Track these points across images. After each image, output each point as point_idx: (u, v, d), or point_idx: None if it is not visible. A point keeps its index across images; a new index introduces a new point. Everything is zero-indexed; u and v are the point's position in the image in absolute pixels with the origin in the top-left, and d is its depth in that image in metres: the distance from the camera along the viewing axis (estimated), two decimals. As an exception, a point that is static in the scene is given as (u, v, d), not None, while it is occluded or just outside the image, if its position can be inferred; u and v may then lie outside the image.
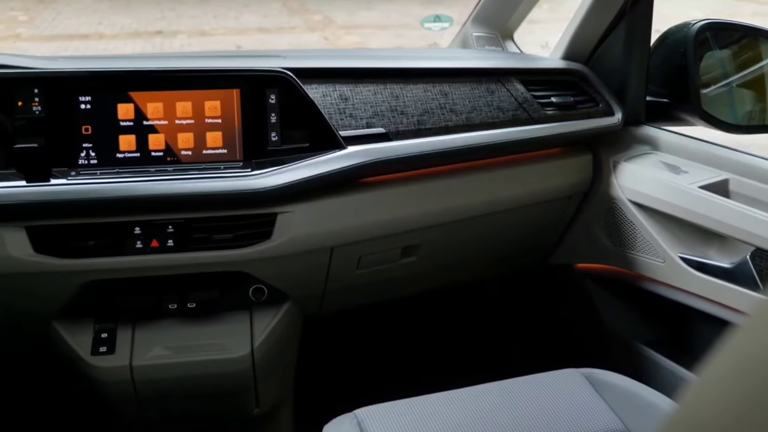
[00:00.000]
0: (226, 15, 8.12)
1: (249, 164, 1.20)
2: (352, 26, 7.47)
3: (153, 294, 1.24)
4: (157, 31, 7.25)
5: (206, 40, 6.79)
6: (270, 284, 1.26)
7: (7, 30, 7.49)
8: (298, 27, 7.60)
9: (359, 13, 8.21)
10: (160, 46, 6.59)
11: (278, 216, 1.19)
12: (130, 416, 1.30)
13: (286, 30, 7.39)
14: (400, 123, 1.28)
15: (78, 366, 1.23)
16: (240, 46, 6.36)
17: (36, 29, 7.62)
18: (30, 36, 7.14)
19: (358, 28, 7.40)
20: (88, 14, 8.37)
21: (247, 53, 1.49)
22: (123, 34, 7.26)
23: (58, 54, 1.33)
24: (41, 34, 7.31)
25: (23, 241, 1.13)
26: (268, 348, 1.27)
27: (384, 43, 6.65)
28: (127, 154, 1.18)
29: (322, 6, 8.53)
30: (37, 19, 8.12)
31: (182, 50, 6.38)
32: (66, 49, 6.34)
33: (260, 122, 1.20)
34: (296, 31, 7.36)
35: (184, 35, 7.07)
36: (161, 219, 1.16)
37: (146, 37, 7.12)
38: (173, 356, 1.23)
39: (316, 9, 8.45)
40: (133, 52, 6.19)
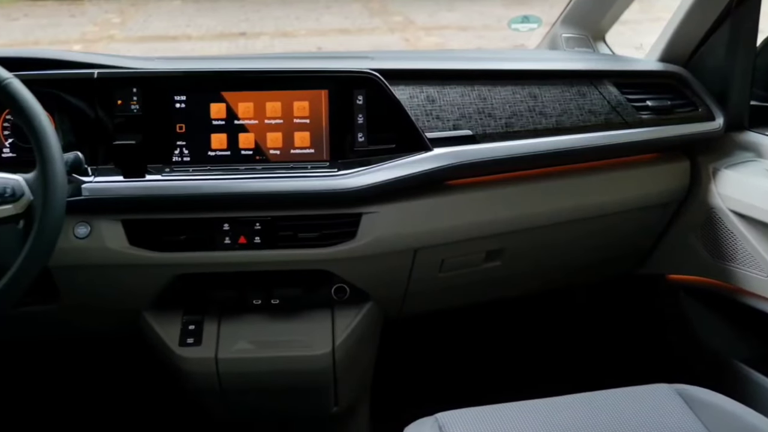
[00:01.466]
0: (308, 16, 8.29)
1: (335, 164, 1.22)
2: (433, 27, 7.47)
3: (238, 289, 1.28)
4: (241, 33, 7.48)
5: (288, 42, 6.95)
6: (352, 284, 1.28)
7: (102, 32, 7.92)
8: (378, 28, 7.67)
9: (440, 14, 8.20)
10: (243, 47, 6.80)
11: (363, 216, 1.21)
12: (213, 407, 1.35)
13: (366, 31, 7.46)
14: (487, 125, 1.28)
15: (166, 356, 1.28)
16: (321, 47, 6.47)
17: (128, 31, 8.01)
18: (123, 38, 7.52)
19: (439, 29, 7.38)
20: (177, 16, 8.74)
21: (336, 54, 1.52)
22: (209, 36, 7.53)
23: (148, 55, 1.40)
24: (133, 36, 7.68)
25: (119, 233, 1.19)
26: (349, 347, 1.29)
27: (465, 44, 6.61)
28: (218, 152, 1.24)
29: (403, 7, 8.57)
30: (130, 21, 8.54)
31: (265, 51, 6.57)
32: (156, 50, 6.64)
33: (347, 123, 1.23)
34: (376, 32, 7.42)
35: (267, 36, 7.26)
36: (249, 216, 1.20)
37: (231, 38, 7.36)
38: (257, 351, 1.27)
39: (396, 10, 8.50)
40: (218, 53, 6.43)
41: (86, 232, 1.19)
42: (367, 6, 8.81)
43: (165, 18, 8.79)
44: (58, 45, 7.02)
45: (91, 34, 7.77)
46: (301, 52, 3.29)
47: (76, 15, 9.07)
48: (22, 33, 7.89)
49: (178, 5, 9.43)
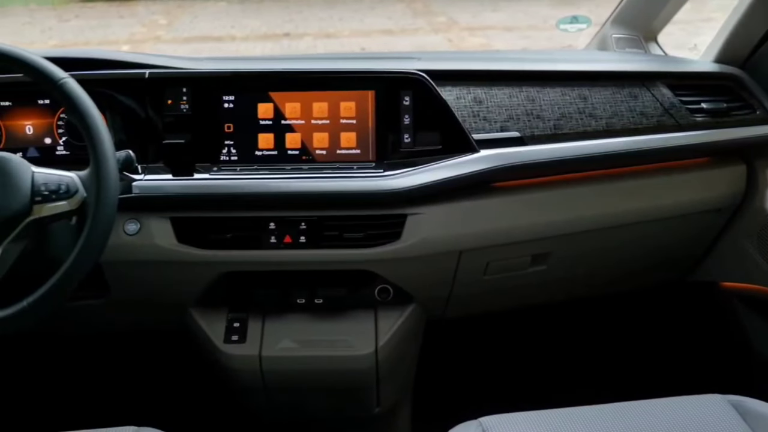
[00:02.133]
0: (352, 17, 8.34)
1: (381, 165, 1.23)
2: (477, 27, 7.43)
3: (283, 288, 1.30)
4: (284, 34, 7.57)
5: (331, 42, 7.00)
6: (396, 285, 1.28)
7: (149, 33, 8.10)
8: (421, 29, 7.66)
9: (484, 15, 8.15)
10: (287, 47, 6.87)
11: (408, 217, 1.21)
12: (256, 404, 1.37)
13: (409, 32, 7.46)
14: (535, 127, 1.27)
15: (211, 352, 1.31)
16: (364, 48, 6.50)
17: (174, 32, 8.18)
18: (169, 38, 7.68)
19: (483, 29, 7.34)
20: (222, 17, 8.89)
21: (382, 55, 1.53)
22: (253, 36, 7.64)
23: (193, 55, 1.42)
24: (179, 37, 7.84)
25: (168, 231, 1.22)
26: (392, 348, 1.30)
27: (509, 45, 6.56)
28: (265, 151, 1.25)
29: (446, 7, 8.55)
30: (176, 22, 8.72)
31: (308, 52, 6.63)
32: (201, 51, 6.76)
33: (393, 123, 1.23)
34: (420, 32, 7.42)
35: (310, 37, 7.33)
36: (295, 216, 1.22)
37: (274, 39, 7.45)
38: (300, 349, 1.29)
39: (440, 10, 8.49)
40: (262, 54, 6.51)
41: (136, 228, 1.22)
42: (411, 6, 8.82)
43: (210, 19, 8.95)
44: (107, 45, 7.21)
45: (139, 34, 7.96)
46: (348, 52, 3.31)
47: (124, 16, 9.31)
48: (73, 34, 8.13)
49: (223, 6, 9.59)
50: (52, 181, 1.02)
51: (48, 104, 1.28)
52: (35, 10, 9.99)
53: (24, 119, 1.29)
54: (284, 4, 9.45)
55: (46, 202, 1.01)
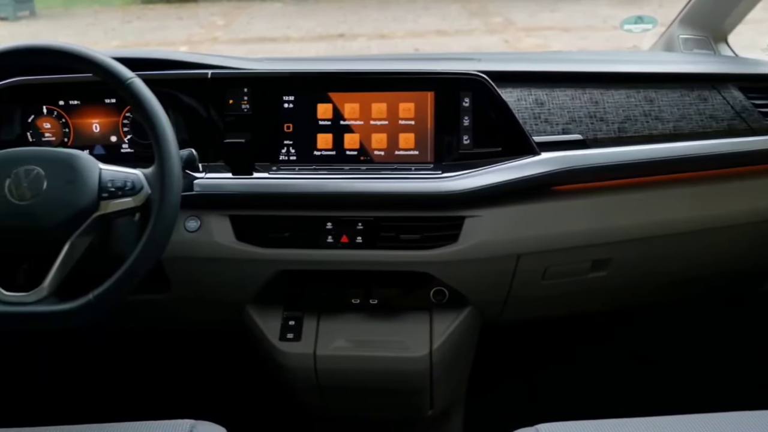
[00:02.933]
0: (406, 18, 8.37)
1: (440, 166, 1.22)
2: (534, 28, 7.35)
3: (338, 288, 1.31)
4: (339, 34, 7.64)
5: (385, 43, 7.04)
6: (452, 287, 1.27)
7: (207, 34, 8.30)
8: (477, 29, 7.63)
9: (541, 15, 8.06)
10: (341, 48, 6.94)
11: (466, 219, 1.20)
12: (309, 402, 1.38)
13: (464, 32, 7.44)
14: (599, 130, 1.24)
15: (267, 349, 1.33)
16: (418, 49, 6.51)
17: (231, 33, 8.36)
18: (226, 39, 7.85)
19: (540, 29, 7.25)
20: (278, 18, 9.04)
21: (442, 56, 1.52)
22: (308, 37, 7.74)
23: (249, 56, 1.45)
24: (236, 38, 8.01)
25: (227, 228, 1.24)
26: (446, 351, 1.29)
27: (567, 45, 6.47)
28: (323, 151, 1.27)
29: (503, 8, 8.49)
30: (233, 23, 8.91)
31: (361, 52, 6.67)
32: (257, 52, 6.88)
33: (453, 125, 1.23)
34: (475, 33, 7.39)
35: (364, 38, 7.38)
36: (352, 216, 1.23)
37: (329, 39, 7.53)
38: (354, 349, 1.29)
39: (495, 11, 8.44)
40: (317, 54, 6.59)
41: (196, 226, 1.24)
42: (466, 7, 8.79)
43: (267, 20, 9.11)
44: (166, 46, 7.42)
45: (197, 36, 8.16)
46: (406, 53, 3.32)
47: (183, 18, 9.57)
48: (135, 35, 8.39)
49: (279, 8, 9.75)
50: (119, 178, 1.05)
51: (114, 103, 1.33)
52: (99, 11, 10.36)
53: (91, 118, 1.33)
54: (339, 4, 9.55)
55: (113, 199, 1.04)
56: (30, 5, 9.42)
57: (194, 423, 1.04)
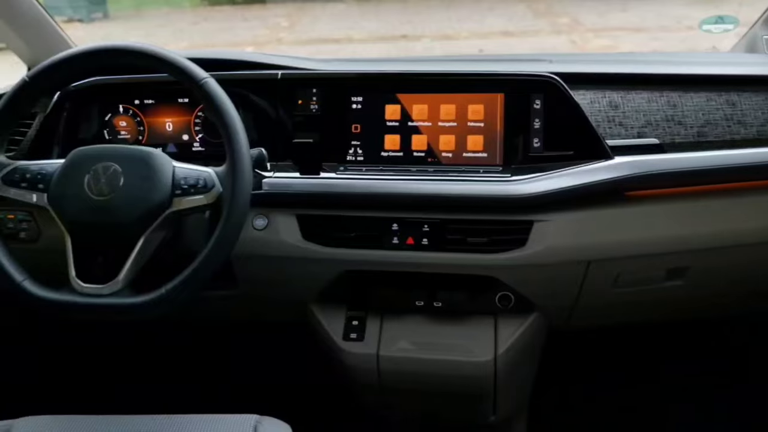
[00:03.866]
0: (470, 18, 8.32)
1: (508, 169, 1.22)
2: (602, 29, 7.18)
3: (402, 289, 1.31)
4: (402, 35, 7.65)
5: (449, 44, 7.01)
6: (518, 292, 1.26)
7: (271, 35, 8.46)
8: (542, 30, 7.51)
9: (611, 15, 7.87)
10: (404, 49, 6.95)
11: (535, 224, 1.19)
12: (371, 402, 1.39)
13: (530, 33, 7.34)
14: (676, 134, 1.21)
15: (330, 348, 1.35)
16: (482, 50, 6.46)
17: (295, 34, 8.49)
18: (290, 40, 7.98)
19: (609, 30, 7.08)
20: (341, 19, 9.13)
21: (512, 57, 1.51)
22: (370, 38, 7.78)
23: (312, 56, 1.47)
24: (300, 39, 8.12)
25: (294, 227, 1.27)
26: (511, 357, 1.28)
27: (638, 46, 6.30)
28: (391, 152, 1.27)
29: (570, 8, 8.34)
30: (297, 24, 9.05)
31: (425, 53, 6.67)
32: (320, 52, 6.97)
33: (523, 127, 1.22)
34: (541, 34, 7.27)
35: (428, 39, 7.37)
36: (418, 217, 1.23)
37: (391, 41, 7.56)
38: (417, 351, 1.30)
39: (562, 11, 8.29)
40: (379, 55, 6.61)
41: (264, 224, 1.27)
42: (532, 7, 8.66)
43: (330, 21, 9.21)
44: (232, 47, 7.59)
45: (262, 37, 8.32)
46: (475, 54, 3.30)
47: (249, 19, 9.77)
48: (202, 36, 8.62)
49: (342, 9, 9.84)
50: (191, 175, 1.08)
51: (187, 103, 1.37)
52: (168, 13, 10.70)
53: (165, 116, 1.38)
54: (402, 5, 9.57)
55: (185, 196, 1.08)
56: (103, 7, 9.80)
57: (259, 418, 1.06)
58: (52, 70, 1.12)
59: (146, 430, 1.03)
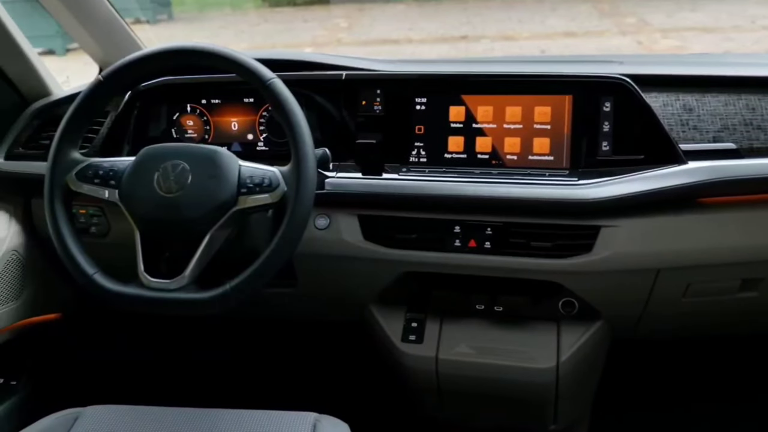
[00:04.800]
0: (532, 19, 8.22)
1: (575, 173, 1.20)
2: (671, 29, 6.99)
3: (463, 292, 1.31)
4: (462, 36, 7.62)
5: (510, 45, 6.94)
6: (583, 299, 1.24)
7: (330, 36, 8.55)
8: (607, 30, 7.36)
9: (680, 15, 7.66)
10: (464, 50, 6.93)
11: (602, 229, 1.17)
12: (430, 405, 1.39)
13: (594, 34, 7.20)
14: (755, 139, 1.17)
15: (388, 349, 1.35)
16: (544, 51, 6.38)
17: (354, 35, 8.56)
18: (349, 41, 8.05)
19: (678, 30, 6.89)
20: (400, 20, 9.15)
21: (580, 58, 1.49)
22: (429, 39, 7.78)
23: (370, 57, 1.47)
24: (358, 39, 8.19)
25: (355, 228, 1.28)
26: (574, 365, 1.26)
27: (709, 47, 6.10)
28: (454, 154, 1.27)
29: (637, 7, 8.14)
30: (356, 25, 9.12)
31: (485, 54, 6.62)
32: (378, 53, 7.00)
33: (591, 130, 1.20)
34: (606, 34, 7.13)
35: (488, 40, 7.32)
36: (481, 220, 1.22)
37: (451, 41, 7.54)
38: (477, 356, 1.29)
39: (629, 11, 8.10)
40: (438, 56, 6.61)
41: (326, 223, 1.29)
42: (597, 7, 8.50)
43: (389, 22, 9.25)
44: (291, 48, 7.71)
45: (321, 38, 8.43)
46: (547, 56, 3.26)
47: (308, 20, 9.91)
48: (262, 37, 8.79)
49: (402, 9, 9.87)
50: (257, 174, 1.10)
51: (252, 102, 1.40)
52: (230, 14, 10.94)
53: (230, 116, 1.41)
54: (462, 6, 9.54)
55: (251, 194, 1.09)
56: (168, 9, 10.10)
57: (318, 416, 1.08)
58: (126, 70, 1.15)
59: (207, 423, 1.06)
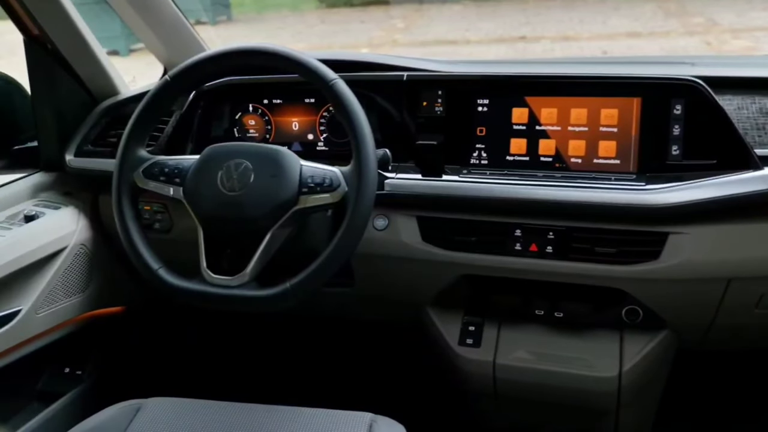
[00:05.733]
0: (593, 19, 8.07)
1: (643, 177, 1.17)
2: (742, 29, 6.75)
3: (522, 297, 1.29)
4: (520, 37, 7.55)
5: (570, 45, 6.83)
6: (648, 307, 1.21)
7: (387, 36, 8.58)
8: (673, 31, 7.16)
9: (751, 14, 7.39)
10: (522, 50, 6.85)
11: (670, 236, 1.14)
12: (486, 410, 1.38)
13: (659, 34, 7.02)
14: (840, 144, 1.12)
15: (445, 352, 1.35)
16: (606, 52, 6.26)
17: (410, 35, 8.57)
18: (406, 42, 8.07)
19: (750, 30, 6.65)
20: (457, 21, 9.12)
21: (648, 59, 1.46)
22: (487, 40, 7.73)
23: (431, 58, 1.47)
24: (415, 40, 8.20)
25: (414, 229, 1.28)
26: (638, 374, 1.23)
27: (783, 48, 5.88)
28: (516, 157, 1.26)
29: (705, 7, 7.91)
30: (413, 26, 9.13)
31: (544, 55, 6.54)
32: (435, 54, 7.00)
33: (660, 134, 1.17)
34: (671, 35, 6.94)
35: (548, 40, 7.23)
36: (543, 224, 1.21)
37: (509, 42, 7.47)
38: (536, 362, 1.27)
39: (696, 10, 7.87)
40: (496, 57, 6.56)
41: (384, 224, 1.29)
42: (662, 6, 8.29)
43: (446, 22, 9.23)
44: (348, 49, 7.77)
45: (377, 38, 8.47)
46: (613, 57, 3.19)
47: (365, 21, 9.97)
48: (319, 38, 8.89)
49: (459, 10, 9.83)
50: (318, 174, 1.11)
51: (313, 103, 1.42)
52: (287, 16, 11.11)
53: (291, 116, 1.44)
54: (521, 6, 9.44)
55: (311, 194, 1.10)
56: (228, 11, 10.34)
57: (374, 417, 1.08)
58: (192, 71, 1.18)
59: (265, 418, 1.08)
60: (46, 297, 1.39)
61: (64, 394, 1.54)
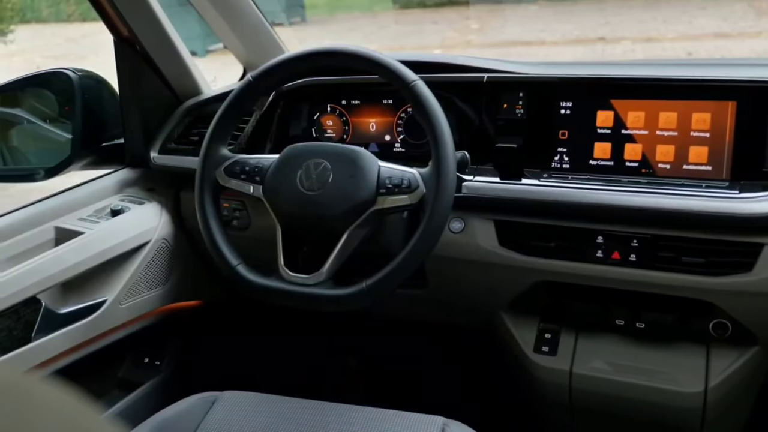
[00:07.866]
0: (678, 19, 7.81)
1: (736, 185, 1.13)
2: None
3: (602, 305, 1.26)
4: (599, 38, 7.38)
5: (652, 47, 6.64)
6: (738, 321, 1.16)
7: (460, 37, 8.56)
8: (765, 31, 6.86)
9: None
10: (601, 52, 6.70)
11: (765, 247, 1.09)
12: (560, 421, 1.35)
13: (749, 35, 6.73)
14: None
15: (519, 359, 1.33)
16: (691, 53, 6.04)
17: (484, 36, 8.51)
18: (479, 42, 8.02)
19: None
20: (532, 21, 9.00)
21: (740, 61, 1.40)
22: (563, 41, 7.60)
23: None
24: (489, 41, 8.14)
25: (491, 233, 1.27)
26: (725, 392, 1.19)
27: None
28: (600, 161, 1.24)
29: (804, 6, 7.55)
30: (487, 27, 9.07)
31: (625, 57, 6.37)
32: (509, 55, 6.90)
33: (758, 140, 1.12)
34: (763, 35, 6.65)
35: (628, 41, 7.04)
36: (627, 232, 1.18)
37: (587, 43, 7.32)
38: (614, 373, 1.24)
39: (793, 9, 7.52)
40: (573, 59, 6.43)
41: (461, 227, 1.29)
42: (753, 5, 7.94)
43: (521, 23, 9.13)
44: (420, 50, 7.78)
45: (450, 39, 8.45)
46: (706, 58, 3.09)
47: (438, 22, 9.96)
48: (390, 39, 8.94)
49: (534, 10, 9.70)
50: (396, 175, 1.12)
51: (391, 104, 1.43)
52: (359, 17, 11.22)
53: (369, 117, 1.45)
54: (600, 6, 9.24)
55: (389, 195, 1.11)
56: (302, 12, 10.54)
57: (446, 421, 1.08)
58: (274, 71, 1.21)
59: (338, 417, 1.09)
60: (129, 289, 1.45)
61: (143, 384, 1.60)
